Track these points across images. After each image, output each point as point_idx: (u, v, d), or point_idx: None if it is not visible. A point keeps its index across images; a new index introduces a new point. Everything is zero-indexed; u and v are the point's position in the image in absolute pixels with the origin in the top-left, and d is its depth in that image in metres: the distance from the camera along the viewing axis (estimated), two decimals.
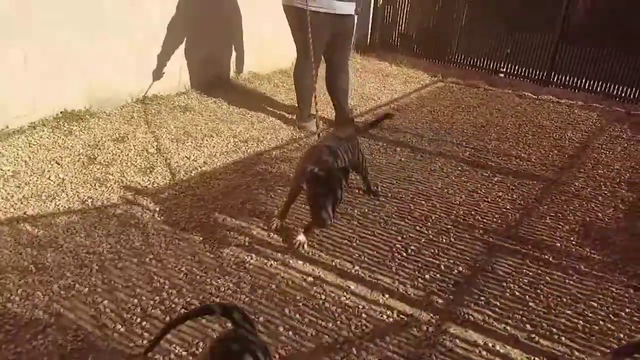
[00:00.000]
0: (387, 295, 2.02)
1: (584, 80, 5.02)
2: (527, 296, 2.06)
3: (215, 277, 2.06)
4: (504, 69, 5.49)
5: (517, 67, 5.38)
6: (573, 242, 2.46)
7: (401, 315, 1.92)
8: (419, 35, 6.05)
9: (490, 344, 1.80)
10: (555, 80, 5.17)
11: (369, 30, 6.34)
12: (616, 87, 4.88)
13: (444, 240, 2.43)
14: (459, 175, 3.17)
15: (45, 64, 3.26)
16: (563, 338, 1.85)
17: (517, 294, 2.07)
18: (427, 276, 2.16)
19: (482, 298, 2.03)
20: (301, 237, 2.28)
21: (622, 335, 1.86)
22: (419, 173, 3.18)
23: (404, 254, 2.31)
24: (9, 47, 3.05)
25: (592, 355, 1.78)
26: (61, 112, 3.47)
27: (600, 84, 4.95)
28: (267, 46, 4.81)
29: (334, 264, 2.21)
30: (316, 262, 2.21)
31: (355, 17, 3.64)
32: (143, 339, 1.74)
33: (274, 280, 2.07)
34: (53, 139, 3.20)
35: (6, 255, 2.10)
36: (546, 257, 2.33)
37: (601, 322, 1.93)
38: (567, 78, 5.10)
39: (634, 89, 4.79)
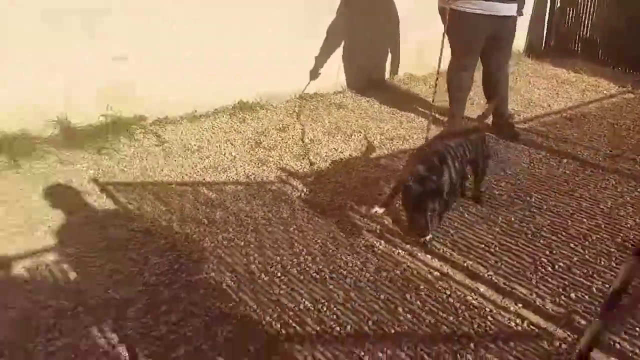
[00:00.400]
0: (520, 305, 1.88)
1: None
2: None
3: (345, 254, 2.19)
4: None
5: None
6: None
7: (532, 327, 1.77)
8: (606, 40, 5.32)
9: None
10: None
11: (544, 34, 5.83)
12: None
13: (603, 263, 2.14)
14: (636, 197, 2.73)
15: (228, 63, 3.84)
16: None
17: None
18: (572, 295, 1.94)
19: (637, 329, 1.74)
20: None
21: None
22: (585, 189, 2.84)
23: (550, 269, 2.11)
24: (198, 48, 3.67)
25: None
26: (237, 103, 4.02)
27: None
28: (426, 48, 4.79)
29: (465, 264, 2.14)
30: (446, 259, 2.17)
31: (518, 18, 3.42)
32: (280, 290, 1.98)
33: (399, 267, 2.11)
34: (230, 124, 3.74)
35: (187, 209, 2.57)
36: None
37: None
38: None
39: None
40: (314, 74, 4.32)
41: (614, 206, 2.63)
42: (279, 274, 2.06)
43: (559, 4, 5.64)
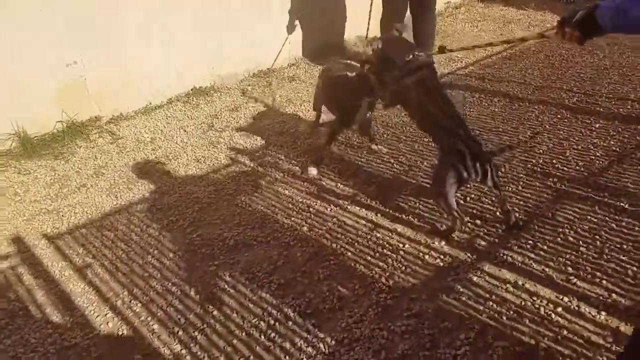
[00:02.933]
0: (429, 237, 2.12)
1: None
2: (580, 242, 1.94)
3: (283, 217, 2.41)
4: None
5: None
6: None
7: (437, 254, 2.01)
8: None
9: (520, 282, 1.79)
10: None
11: None
12: None
13: (511, 189, 2.37)
14: (555, 124, 2.94)
15: (181, 50, 3.95)
16: (605, 282, 1.74)
17: (571, 239, 1.96)
18: (477, 221, 2.18)
19: (530, 242, 1.99)
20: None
21: None
22: (508, 123, 3.04)
23: (462, 202, 2.33)
24: (151, 41, 3.80)
25: (632, 299, 1.64)
26: (192, 89, 4.17)
27: None
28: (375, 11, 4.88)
29: (388, 210, 2.36)
30: (372, 208, 2.40)
31: None
32: (219, 260, 2.18)
33: (329, 222, 2.33)
34: (183, 111, 3.90)
35: (137, 199, 2.76)
36: (621, 204, 2.11)
37: None
38: None
39: None
40: (268, 50, 4.42)
41: (532, 135, 2.83)
42: (219, 245, 2.28)
43: None
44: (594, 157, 2.51)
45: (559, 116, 3.03)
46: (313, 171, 2.72)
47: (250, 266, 2.11)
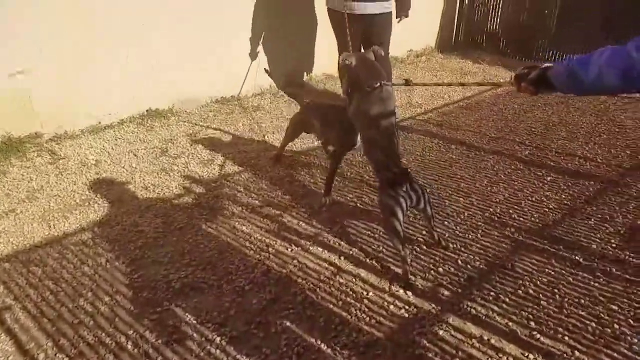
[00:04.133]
0: (393, 284, 2.05)
1: None
2: (540, 295, 1.95)
3: (238, 258, 2.26)
4: None
5: None
6: (612, 245, 2.24)
7: (402, 304, 1.94)
8: (506, 32, 5.87)
9: (485, 337, 1.76)
10: None
11: (454, 29, 6.32)
12: None
13: (470, 237, 2.38)
14: (509, 174, 3.03)
15: (138, 68, 3.75)
16: (567, 338, 1.74)
17: (531, 292, 1.97)
18: (440, 269, 2.14)
19: (492, 293, 1.97)
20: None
21: (636, 341, 1.68)
22: (465, 170, 3.10)
23: (424, 248, 2.30)
24: (104, 57, 3.59)
25: (594, 357, 1.65)
26: (147, 111, 3.97)
27: None
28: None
29: (351, 252, 2.29)
30: (335, 249, 2.31)
31: (393, 15, 3.74)
32: (162, 307, 1.98)
33: (290, 264, 2.20)
34: (136, 134, 3.68)
35: (74, 229, 2.50)
36: (576, 257, 2.17)
37: (616, 326, 1.77)
38: None
39: None
40: (234, 77, 4.36)
41: (488, 184, 2.90)
42: (163, 288, 2.06)
43: (467, 1, 6.13)
44: (547, 210, 2.59)
45: (512, 167, 3.13)
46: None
47: (199, 315, 1.92)
